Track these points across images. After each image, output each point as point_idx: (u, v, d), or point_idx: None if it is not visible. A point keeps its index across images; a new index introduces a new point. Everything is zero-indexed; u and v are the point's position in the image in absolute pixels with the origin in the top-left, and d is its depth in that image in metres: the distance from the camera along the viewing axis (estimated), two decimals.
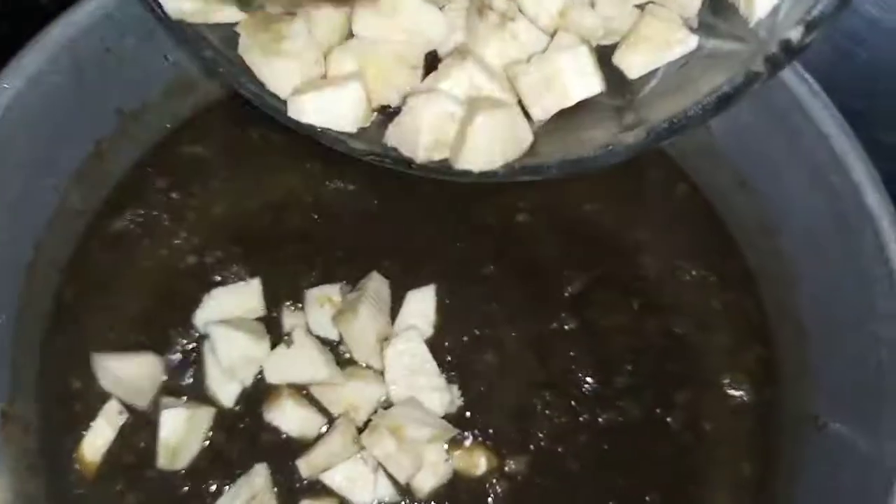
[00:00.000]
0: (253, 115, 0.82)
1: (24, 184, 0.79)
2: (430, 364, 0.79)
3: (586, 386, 0.82)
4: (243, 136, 0.91)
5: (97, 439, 0.78)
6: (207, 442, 0.79)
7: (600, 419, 0.81)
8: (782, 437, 0.83)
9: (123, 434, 0.79)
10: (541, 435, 0.80)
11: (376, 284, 0.81)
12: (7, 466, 0.76)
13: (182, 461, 0.77)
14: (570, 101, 0.65)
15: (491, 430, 0.80)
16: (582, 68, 0.64)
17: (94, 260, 0.86)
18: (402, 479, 0.76)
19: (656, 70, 0.66)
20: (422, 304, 0.82)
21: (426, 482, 0.76)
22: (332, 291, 0.82)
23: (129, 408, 0.80)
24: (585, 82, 0.64)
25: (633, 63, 0.66)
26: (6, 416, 0.77)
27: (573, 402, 0.81)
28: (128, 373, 0.78)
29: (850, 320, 0.78)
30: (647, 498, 0.79)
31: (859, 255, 0.76)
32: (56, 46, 0.78)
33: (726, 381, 0.86)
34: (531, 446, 0.80)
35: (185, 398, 0.79)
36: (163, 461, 0.77)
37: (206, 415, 0.78)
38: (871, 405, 0.74)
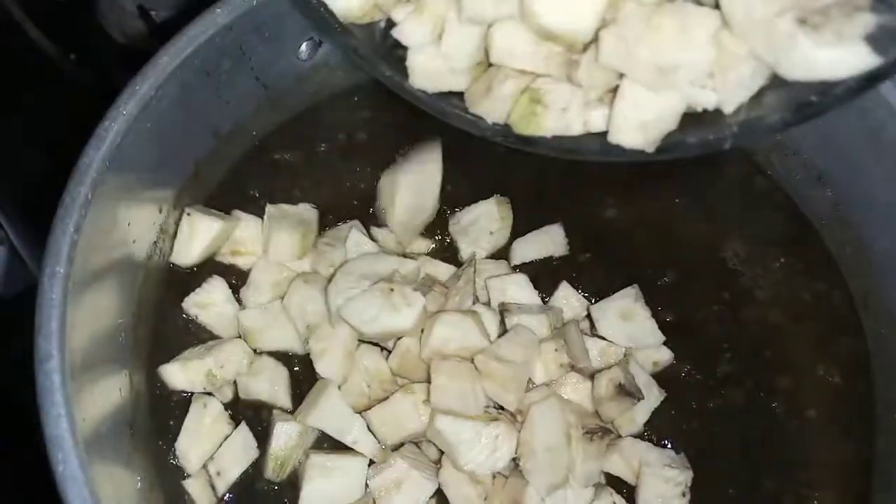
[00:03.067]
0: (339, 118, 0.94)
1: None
2: None
3: (689, 375, 0.89)
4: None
5: None
6: None
7: (710, 405, 0.87)
8: (877, 422, 0.90)
9: None
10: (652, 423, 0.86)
11: None
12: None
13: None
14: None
15: None
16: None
17: None
18: None
19: None
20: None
21: None
22: None
23: None
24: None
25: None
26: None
27: (679, 391, 0.88)
28: None
29: None
30: (762, 482, 0.86)
31: None
32: (164, 73, 0.83)
33: (821, 370, 0.92)
34: (644, 434, 0.86)
35: None
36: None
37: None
38: None
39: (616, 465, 0.84)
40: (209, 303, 0.87)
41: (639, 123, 0.63)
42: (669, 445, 0.86)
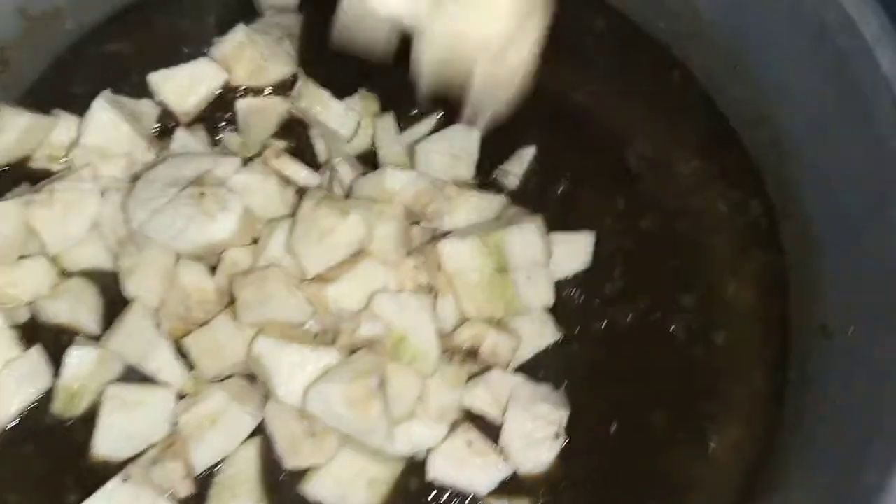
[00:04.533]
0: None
1: None
2: None
3: (570, 295, 0.78)
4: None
5: None
6: None
7: (593, 327, 0.77)
8: (792, 346, 0.79)
9: None
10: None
11: None
12: None
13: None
14: None
15: None
16: None
17: None
18: None
19: None
20: None
21: None
22: None
23: None
24: None
25: None
26: None
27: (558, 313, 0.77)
28: None
29: (861, 211, 0.72)
30: (650, 416, 0.75)
31: (871, 130, 0.69)
32: None
33: (731, 289, 0.81)
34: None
35: None
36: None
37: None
38: (883, 312, 0.68)
39: (479, 399, 0.73)
40: (10, 212, 0.75)
41: None
42: (542, 375, 0.75)
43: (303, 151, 0.80)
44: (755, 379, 0.78)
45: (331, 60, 0.79)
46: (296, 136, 0.82)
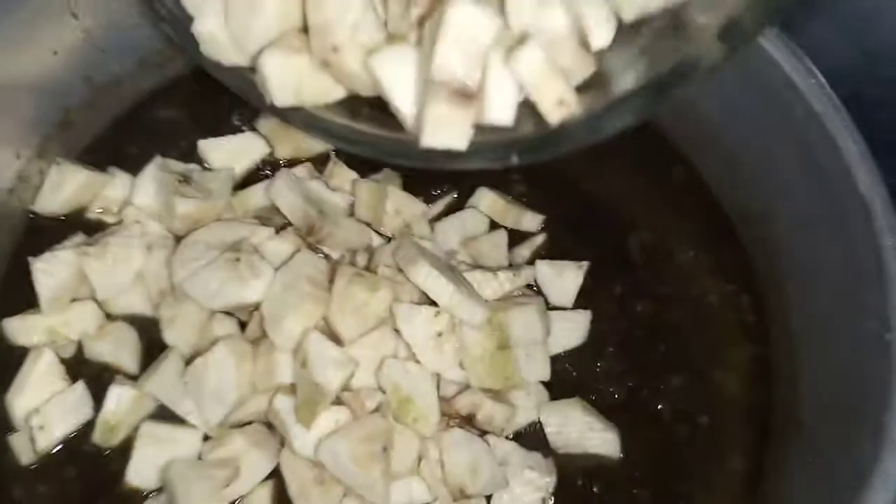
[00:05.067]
0: None
1: None
2: None
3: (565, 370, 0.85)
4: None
5: None
6: None
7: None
8: (770, 434, 0.85)
9: None
10: None
11: None
12: None
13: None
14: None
15: None
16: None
17: None
18: None
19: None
20: None
21: None
22: None
23: None
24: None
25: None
26: None
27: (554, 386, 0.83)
28: None
29: (837, 317, 0.79)
30: (634, 491, 0.81)
31: (849, 243, 0.77)
32: None
33: (719, 375, 0.87)
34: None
35: None
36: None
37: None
38: (850, 413, 0.75)
39: None
40: (66, 260, 0.84)
41: None
42: (533, 444, 0.81)
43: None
44: (733, 462, 0.84)
45: None
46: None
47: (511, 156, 0.63)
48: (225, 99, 0.93)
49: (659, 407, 0.85)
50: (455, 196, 0.92)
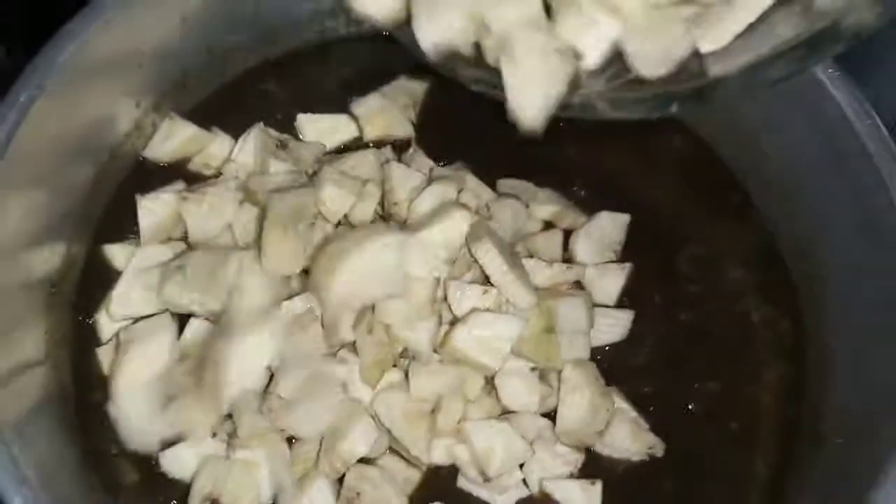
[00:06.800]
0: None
1: None
2: None
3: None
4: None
5: None
6: None
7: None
8: (796, 447, 0.91)
9: None
10: None
11: None
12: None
13: None
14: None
15: None
16: None
17: None
18: None
19: None
20: None
21: None
22: None
23: None
24: None
25: None
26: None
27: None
28: None
29: (875, 351, 0.86)
30: (655, 481, 0.88)
31: (893, 280, 0.83)
32: None
33: (753, 389, 0.94)
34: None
35: None
36: None
37: None
38: (877, 435, 0.80)
39: None
40: (168, 201, 0.93)
41: None
42: None
43: None
44: (757, 469, 0.90)
45: (444, 128, 1.00)
46: None
47: (671, 105, 0.71)
48: (326, 81, 1.07)
49: (690, 406, 0.91)
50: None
